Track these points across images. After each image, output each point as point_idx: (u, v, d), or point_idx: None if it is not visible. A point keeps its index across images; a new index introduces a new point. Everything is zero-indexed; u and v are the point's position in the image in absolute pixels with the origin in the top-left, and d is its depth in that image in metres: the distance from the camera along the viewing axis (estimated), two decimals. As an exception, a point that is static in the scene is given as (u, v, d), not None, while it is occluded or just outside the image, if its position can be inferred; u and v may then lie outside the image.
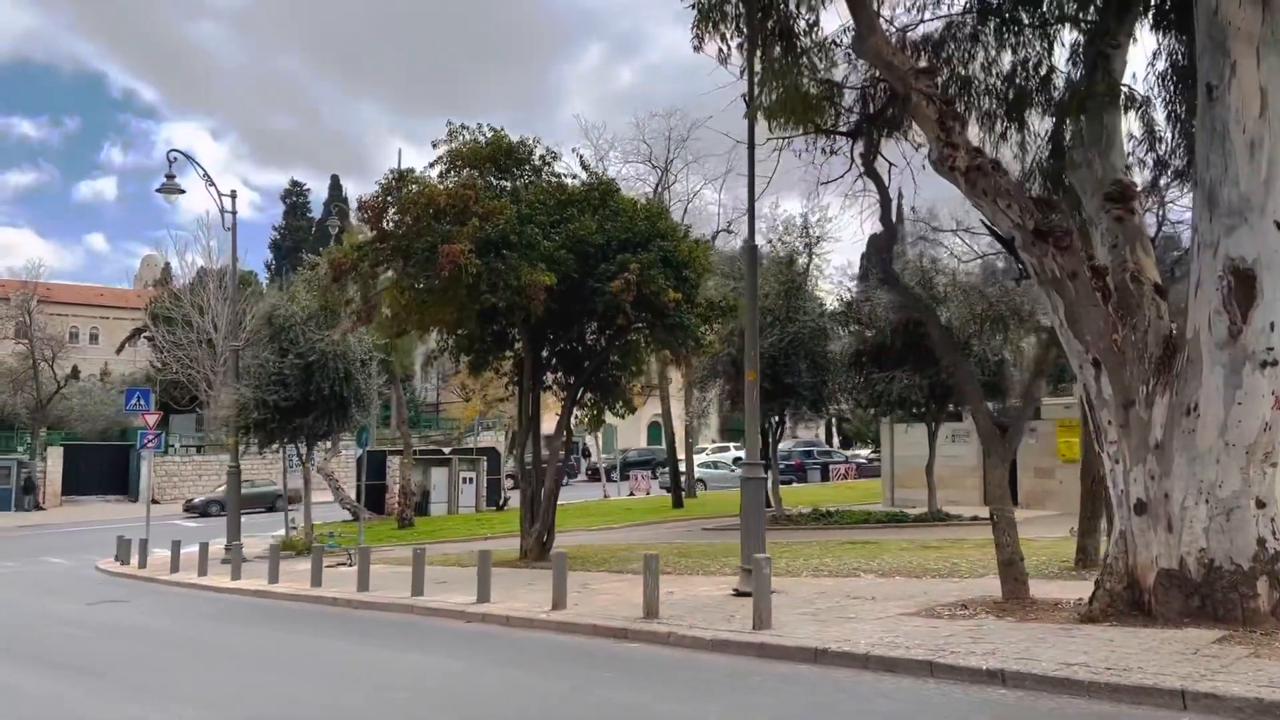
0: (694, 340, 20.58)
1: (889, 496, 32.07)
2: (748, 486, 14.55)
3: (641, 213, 20.23)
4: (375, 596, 17.04)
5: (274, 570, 20.45)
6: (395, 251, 18.25)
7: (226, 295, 61.48)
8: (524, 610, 14.17)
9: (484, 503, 38.57)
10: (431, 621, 14.71)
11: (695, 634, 11.41)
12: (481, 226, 17.88)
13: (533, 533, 20.86)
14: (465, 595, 16.11)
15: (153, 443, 29.60)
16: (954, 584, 14.29)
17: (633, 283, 18.49)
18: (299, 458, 27.19)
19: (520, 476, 21.71)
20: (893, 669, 9.34)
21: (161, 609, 18.19)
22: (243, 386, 25.20)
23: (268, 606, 17.85)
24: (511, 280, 17.89)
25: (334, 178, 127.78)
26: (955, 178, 10.94)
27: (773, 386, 26.53)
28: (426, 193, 18.00)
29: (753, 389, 14.73)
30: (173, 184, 25.53)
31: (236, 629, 15.15)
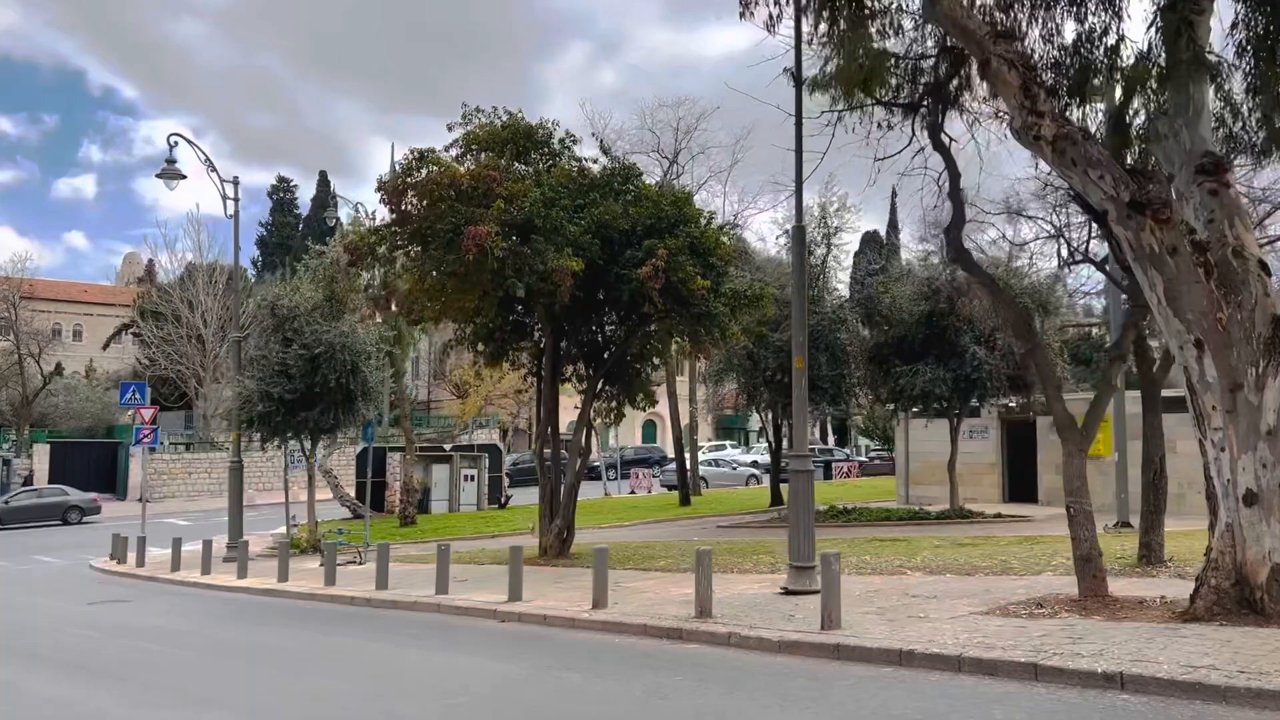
0: (720, 331, 19.86)
1: (903, 494, 31.45)
2: (797, 480, 13.83)
3: (667, 197, 19.50)
4: (397, 595, 16.26)
5: (284, 568, 19.64)
6: (415, 235, 17.48)
7: (217, 290, 60.68)
8: (561, 609, 13.44)
9: (485, 501, 37.75)
10: (464, 621, 13.95)
11: (760, 634, 10.70)
12: (507, 209, 17.14)
13: (553, 529, 20.11)
14: (492, 594, 15.37)
15: (149, 438, 28.71)
16: (1014, 581, 13.61)
17: (661, 269, 17.77)
18: (302, 453, 26.30)
19: (539, 471, 20.93)
20: (992, 672, 8.65)
21: (170, 609, 17.35)
22: (246, 378, 24.33)
23: (282, 606, 17.04)
24: (538, 265, 17.15)
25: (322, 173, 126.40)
26: (1041, 147, 10.27)
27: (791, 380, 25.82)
28: (448, 173, 17.22)
29: (800, 377, 14.03)
30: (173, 169, 24.66)
31: (257, 629, 14.34)
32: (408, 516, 32.01)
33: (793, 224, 13.99)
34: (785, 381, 25.90)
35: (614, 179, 19.86)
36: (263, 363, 24.55)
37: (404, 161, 17.66)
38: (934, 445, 30.71)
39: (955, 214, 11.85)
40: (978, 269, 12.06)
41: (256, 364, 24.68)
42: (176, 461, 56.50)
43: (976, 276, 12.18)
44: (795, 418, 14.08)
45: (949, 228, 12.05)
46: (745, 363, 26.47)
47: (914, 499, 30.68)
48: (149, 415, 28.85)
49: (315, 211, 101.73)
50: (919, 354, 24.96)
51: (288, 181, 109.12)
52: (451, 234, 16.83)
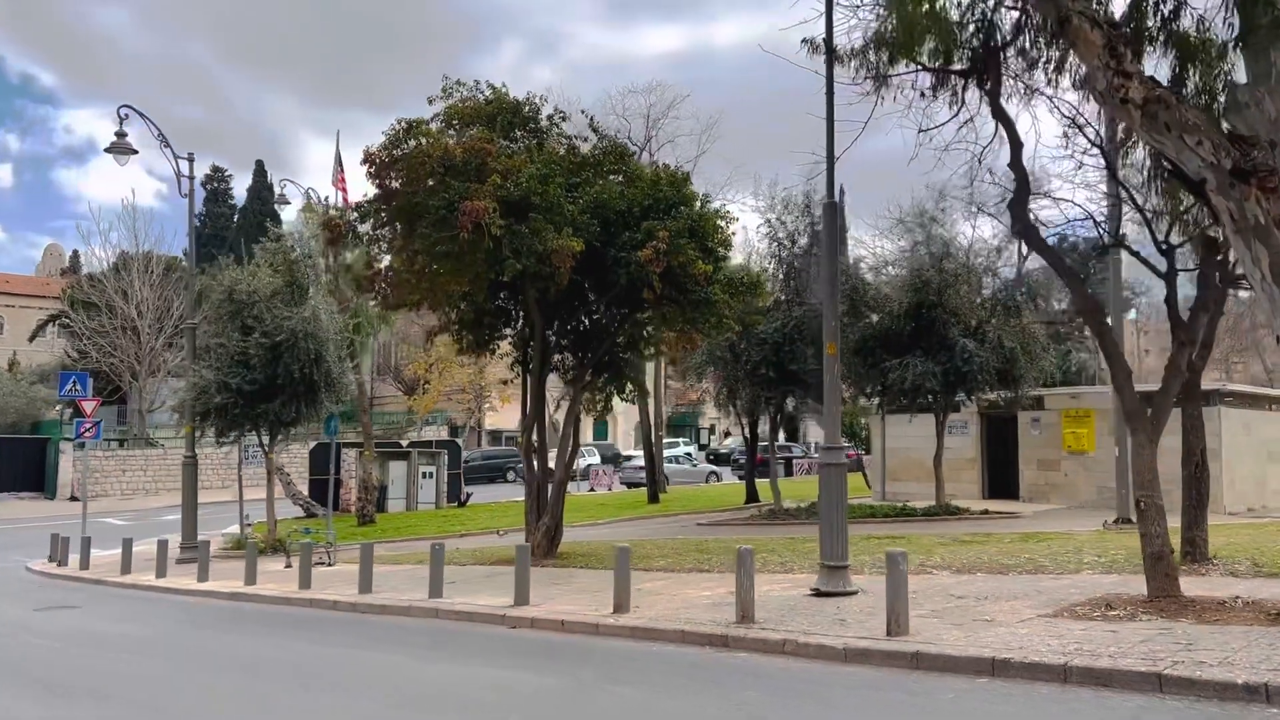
0: (717, 318, 18.90)
1: (880, 490, 30.83)
2: (828, 474, 12.93)
3: (665, 177, 18.47)
4: (384, 598, 15.04)
5: (250, 570, 18.24)
6: (402, 212, 16.24)
7: (154, 280, 58.19)
8: (578, 613, 12.38)
9: (445, 499, 36.37)
10: (468, 627, 12.79)
11: (819, 641, 9.75)
12: (503, 184, 15.99)
13: (540, 527, 18.97)
14: (493, 597, 14.27)
15: (90, 432, 27.03)
16: (1056, 581, 12.86)
17: (663, 252, 16.75)
18: (260, 448, 24.81)
19: (526, 466, 19.77)
20: (1105, 682, 7.81)
21: (129, 615, 15.91)
22: (203, 368, 22.78)
23: (256, 611, 15.69)
24: (536, 246, 16.02)
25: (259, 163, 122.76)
26: (1128, 111, 9.46)
27: (776, 374, 25.04)
28: (439, 146, 16.01)
29: (833, 364, 13.12)
30: (124, 143, 23.06)
31: (237, 637, 13.02)
32: (366, 515, 30.57)
33: (824, 200, 13.11)
34: (769, 375, 25.13)
35: (606, 159, 18.81)
36: (220, 351, 23.05)
37: (390, 133, 16.39)
38: (912, 441, 30.13)
39: (1019, 186, 11.02)
40: (1046, 245, 11.26)
41: (213, 353, 23.16)
42: (110, 459, 53.98)
43: (1044, 253, 11.37)
44: (826, 407, 13.15)
45: (1013, 201, 11.22)
46: (726, 355, 25.56)
47: (890, 495, 30.08)
48: (91, 408, 27.12)
49: (251, 202, 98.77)
50: (906, 347, 24.28)
51: (222, 171, 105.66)
52: (444, 210, 15.63)
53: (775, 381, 25.07)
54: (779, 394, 25.47)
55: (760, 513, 26.86)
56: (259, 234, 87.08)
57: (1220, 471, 24.51)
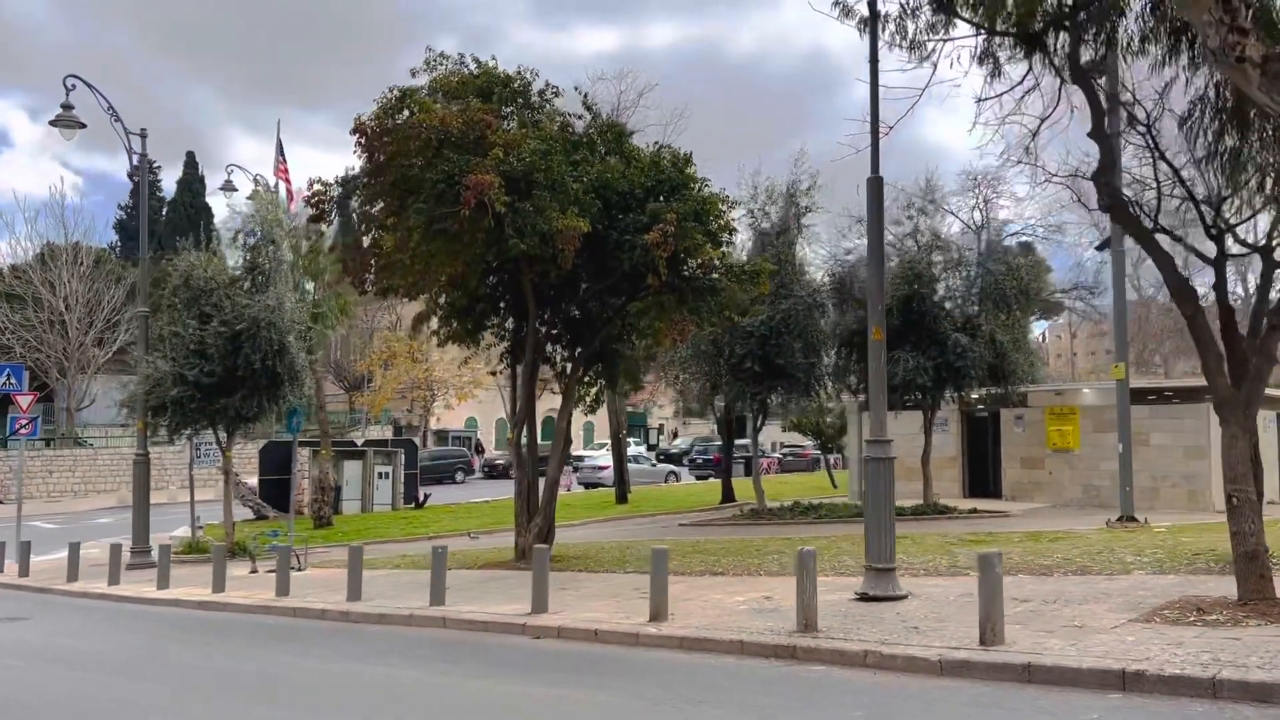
0: (720, 307, 17.95)
1: (856, 489, 30.01)
2: (876, 470, 12.02)
3: (667, 157, 17.44)
4: (381, 607, 13.79)
5: (219, 576, 16.79)
6: (395, 186, 14.99)
7: (84, 272, 55.51)
8: (609, 622, 11.29)
9: (401, 500, 34.89)
10: (486, 638, 11.63)
11: (909, 653, 8.80)
12: (505, 159, 14.83)
13: (532, 529, 17.80)
14: (504, 604, 13.14)
15: (26, 429, 25.07)
16: (1114, 582, 12.11)
17: (670, 235, 15.73)
18: (216, 445, 23.23)
19: (516, 464, 18.57)
20: (1264, 698, 6.97)
21: (92, 628, 14.43)
22: (157, 359, 21.17)
23: (233, 622, 14.29)
24: (540, 225, 14.89)
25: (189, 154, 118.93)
26: (1244, 71, 8.67)
27: (762, 369, 24.13)
28: (436, 114, 14.79)
29: (879, 350, 12.23)
30: (70, 116, 21.34)
31: (226, 653, 11.67)
32: (323, 517, 29.03)
33: (869, 175, 12.21)
34: (755, 370, 24.21)
35: (602, 137, 17.74)
36: (175, 341, 21.45)
37: (382, 101, 15.12)
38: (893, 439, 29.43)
39: (1104, 155, 10.21)
40: (1136, 222, 10.46)
41: (168, 342, 21.55)
42: (35, 459, 51.22)
43: (1135, 231, 10.57)
44: (872, 398, 12.26)
45: (1098, 172, 10.41)
46: (708, 349, 24.58)
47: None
48: (26, 403, 25.21)
49: (182, 194, 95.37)
50: (895, 341, 23.52)
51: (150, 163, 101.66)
52: (443, 185, 14.43)
53: (761, 376, 24.15)
54: (764, 389, 24.55)
55: (742, 513, 25.96)
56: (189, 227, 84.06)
57: (1209, 468, 24.22)
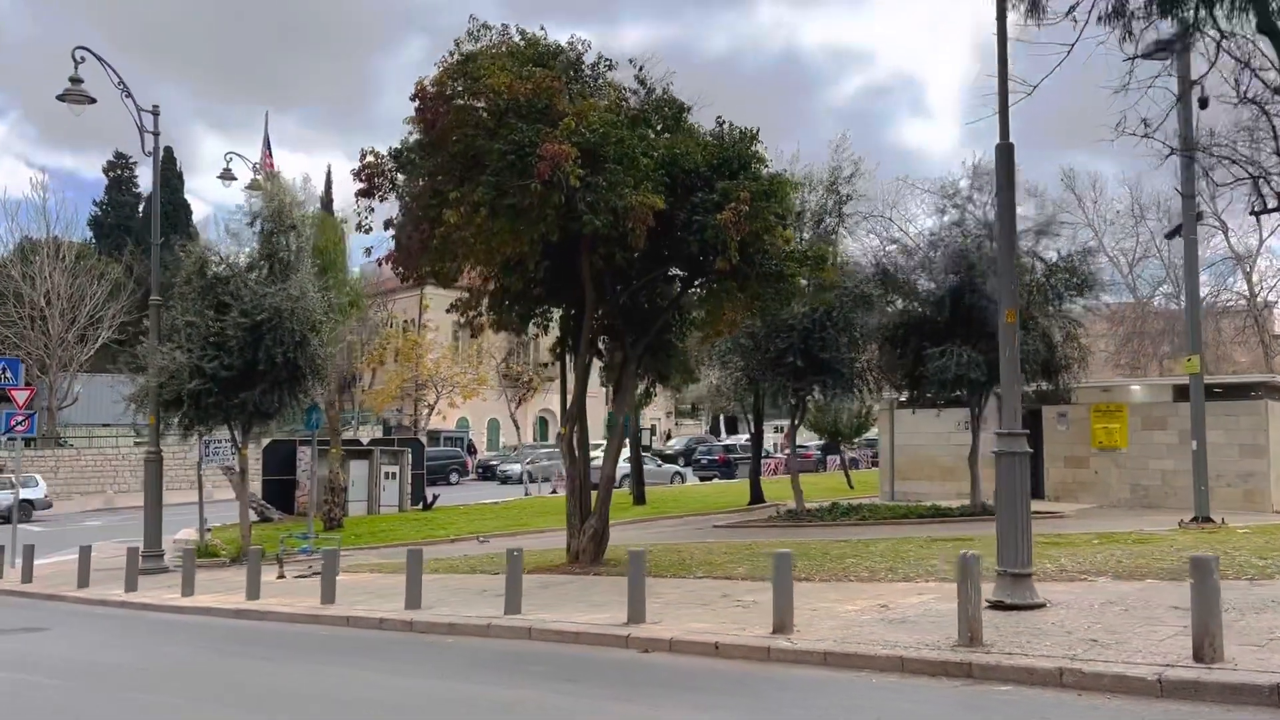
0: (788, 294, 16.90)
1: (888, 490, 29.09)
2: (1009, 466, 10.91)
3: (732, 133, 16.32)
4: (444, 615, 12.57)
5: (253, 582, 15.49)
6: (457, 158, 13.77)
7: (65, 267, 53.66)
8: (727, 634, 10.13)
9: (408, 501, 33.55)
10: (583, 651, 10.45)
11: (1116, 671, 7.71)
12: (576, 128, 13.66)
13: (586, 530, 16.66)
14: (584, 612, 11.95)
15: (23, 426, 23.58)
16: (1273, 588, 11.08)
17: (745, 215, 14.63)
18: (232, 442, 21.89)
19: (568, 462, 17.38)
20: None
21: (123, 639, 13.14)
22: (175, 350, 19.78)
23: (282, 633, 13.01)
24: (614, 201, 13.73)
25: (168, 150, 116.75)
26: None
27: (804, 363, 23.03)
28: (504, 80, 13.60)
29: (1011, 333, 11.14)
30: (79, 91, 19.96)
31: (293, 669, 10.41)
32: (334, 519, 27.68)
33: (998, 142, 11.16)
34: (796, 364, 23.11)
35: (659, 113, 16.60)
36: (191, 331, 20.10)
37: (444, 64, 13.91)
38: (924, 437, 28.54)
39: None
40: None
41: (184, 333, 20.19)
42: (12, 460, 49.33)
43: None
44: (1005, 386, 11.16)
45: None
46: (746, 342, 23.48)
47: (900, 495, 28.38)
48: (23, 399, 23.76)
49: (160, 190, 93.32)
50: (944, 334, 22.56)
51: (125, 158, 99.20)
52: (513, 155, 13.24)
53: (802, 371, 23.06)
54: (805, 384, 23.46)
55: (779, 514, 24.85)
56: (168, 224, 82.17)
57: (1268, 467, 23.42)
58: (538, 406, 63.41)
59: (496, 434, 67.55)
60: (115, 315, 53.34)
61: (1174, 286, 46.85)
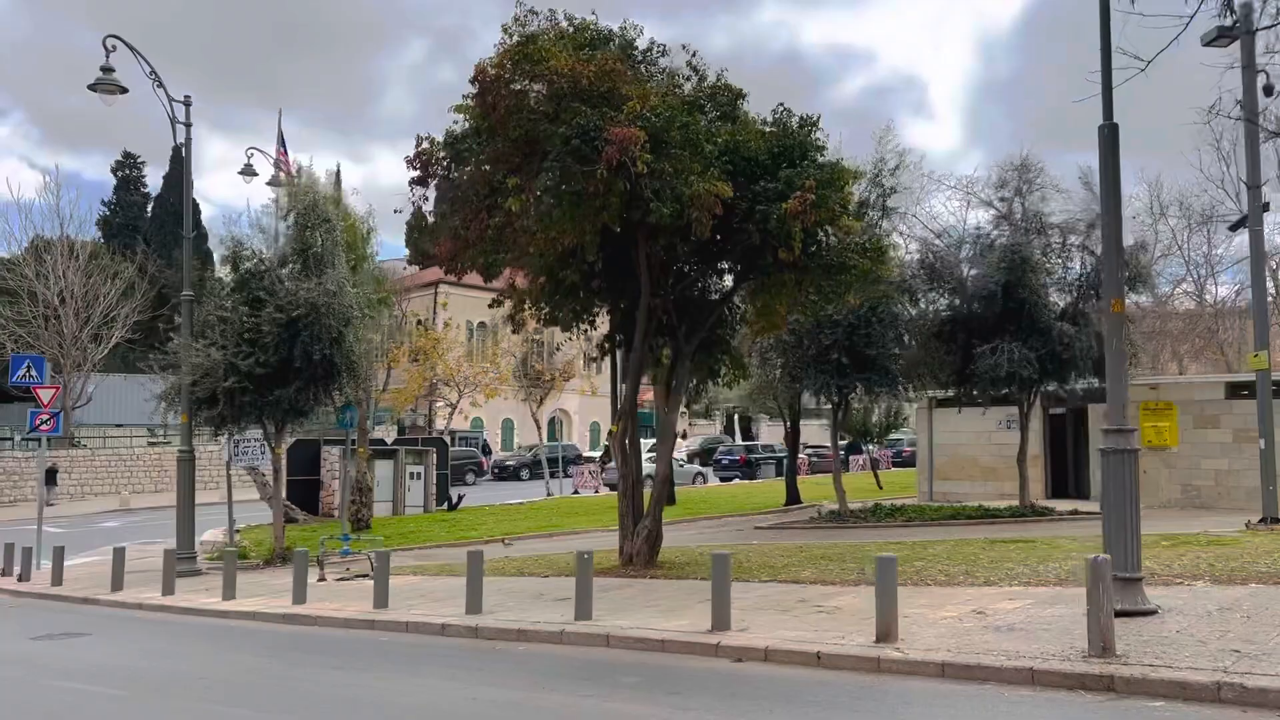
0: (848, 286, 16.31)
1: (926, 490, 28.49)
2: (1118, 464, 10.31)
3: (792, 120, 15.73)
4: (510, 620, 12.00)
5: (300, 586, 14.92)
6: (517, 143, 13.19)
7: (79, 265, 53.10)
8: (826, 643, 9.53)
9: (433, 502, 32.97)
10: (671, 660, 9.85)
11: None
12: (641, 112, 13.09)
13: (639, 532, 16.09)
14: (660, 618, 11.37)
15: (49, 425, 23.06)
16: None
17: (810, 204, 14.04)
18: (265, 441, 21.32)
19: (620, 461, 16.80)
20: None
21: (172, 645, 12.57)
22: (207, 346, 19.21)
23: (340, 639, 12.41)
24: (680, 188, 13.16)
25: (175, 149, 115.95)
26: None
27: (850, 360, 22.46)
28: (567, 62, 13.03)
29: (1119, 325, 10.60)
30: (111, 80, 19.42)
31: (367, 680, 9.78)
32: (362, 520, 27.09)
33: (1101, 123, 10.58)
34: (841, 361, 22.53)
35: (714, 100, 16.00)
36: (224, 328, 19.53)
37: (505, 48, 13.34)
38: (964, 436, 27.96)
39: None
40: None
41: (216, 329, 19.61)
42: (30, 460, 48.85)
43: None
44: (1110, 380, 10.58)
45: None
46: (788, 338, 22.88)
47: (938, 495, 27.80)
48: (48, 397, 23.21)
49: (168, 190, 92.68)
50: (993, 330, 21.96)
51: (134, 158, 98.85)
52: (579, 139, 12.66)
53: (846, 368, 22.47)
54: (850, 381, 22.86)
55: (821, 515, 24.26)
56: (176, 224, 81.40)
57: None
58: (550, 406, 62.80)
59: (511, 434, 66.98)
60: (129, 315, 52.87)
61: (1194, 285, 46.32)
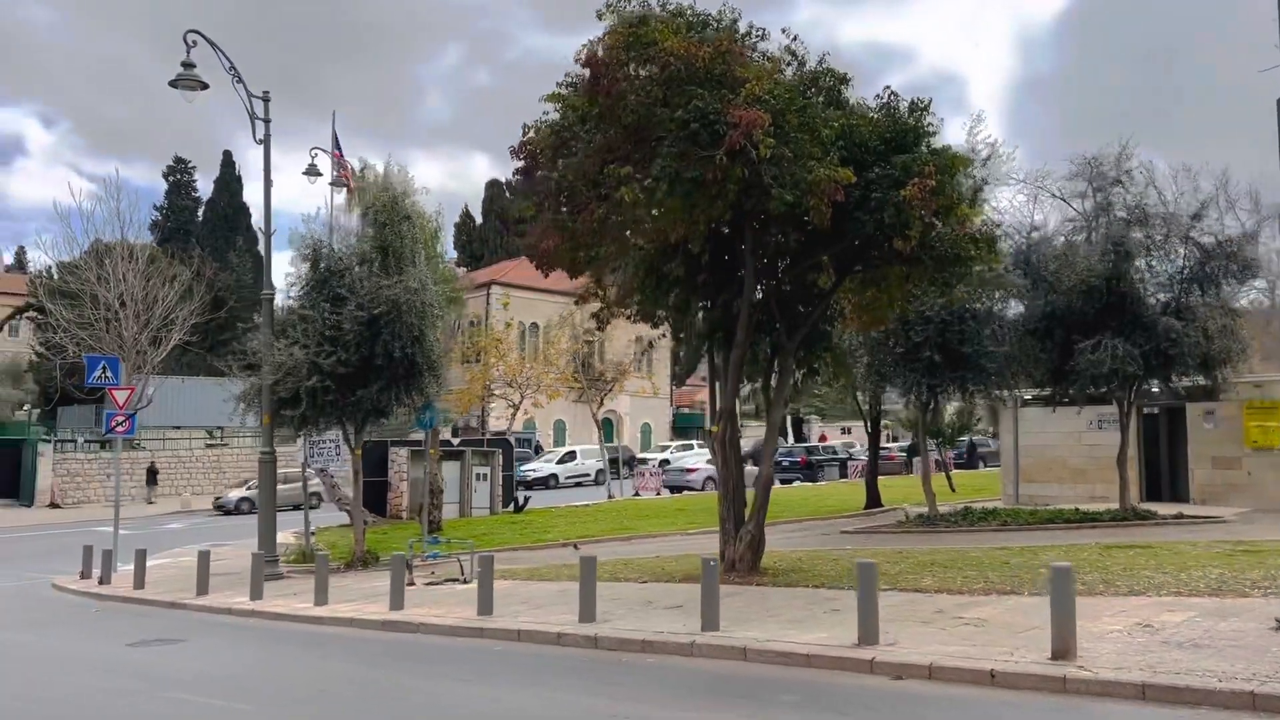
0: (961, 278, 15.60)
1: (1011, 493, 27.53)
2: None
3: (902, 103, 15.00)
4: (629, 630, 11.38)
5: (397, 591, 14.41)
6: (629, 130, 12.59)
7: (139, 268, 53.21)
8: (997, 660, 8.81)
9: (499, 504, 32.51)
10: (819, 677, 9.18)
11: None
12: (759, 95, 12.44)
13: (742, 537, 15.42)
14: (780, 629, 10.70)
15: (124, 427, 22.76)
16: None
17: (931, 190, 13.32)
18: (345, 441, 20.92)
19: (720, 462, 16.16)
20: None
21: (267, 653, 12.12)
22: (290, 345, 18.80)
23: (450, 648, 11.86)
24: (800, 174, 12.50)
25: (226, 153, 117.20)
26: None
27: (943, 358, 21.58)
28: (679, 44, 12.41)
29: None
30: (192, 75, 19.14)
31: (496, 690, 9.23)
32: (434, 522, 26.64)
33: (1278, 96, 9.79)
34: (933, 359, 21.66)
35: (816, 83, 15.28)
36: (306, 326, 19.11)
37: (616, 30, 12.75)
38: (1051, 437, 26.99)
39: None
40: None
41: (298, 327, 19.20)
42: (92, 462, 49.22)
43: None
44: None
45: None
46: (877, 336, 22.07)
47: (1024, 498, 26.84)
48: (123, 398, 22.94)
49: (219, 194, 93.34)
50: (1094, 326, 21.05)
51: (185, 163, 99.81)
52: (697, 124, 12.05)
53: (939, 367, 21.61)
54: (943, 380, 22.01)
55: (909, 519, 23.42)
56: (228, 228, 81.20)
57: None
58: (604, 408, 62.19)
59: (564, 435, 66.51)
60: (186, 318, 52.93)
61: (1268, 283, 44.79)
